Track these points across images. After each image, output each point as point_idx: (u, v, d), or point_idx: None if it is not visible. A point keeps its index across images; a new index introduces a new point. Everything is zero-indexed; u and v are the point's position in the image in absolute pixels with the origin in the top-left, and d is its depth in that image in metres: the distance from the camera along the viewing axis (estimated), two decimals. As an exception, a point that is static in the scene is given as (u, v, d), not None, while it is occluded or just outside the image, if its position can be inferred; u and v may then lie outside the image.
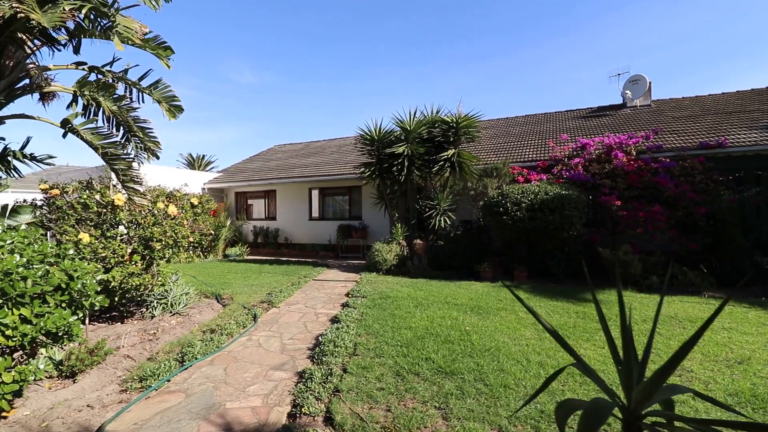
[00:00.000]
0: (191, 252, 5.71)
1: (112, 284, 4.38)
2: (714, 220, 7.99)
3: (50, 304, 2.20)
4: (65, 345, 2.46)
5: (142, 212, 4.96)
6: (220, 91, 70.97)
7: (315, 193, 14.70)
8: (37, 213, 4.39)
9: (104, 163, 4.67)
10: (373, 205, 12.17)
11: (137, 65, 4.91)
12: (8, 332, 1.94)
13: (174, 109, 5.46)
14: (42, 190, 4.87)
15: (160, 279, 5.17)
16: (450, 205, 9.88)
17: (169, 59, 5.02)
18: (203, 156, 35.04)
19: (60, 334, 2.21)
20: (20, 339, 1.98)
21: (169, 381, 3.37)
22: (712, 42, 55.21)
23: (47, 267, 2.27)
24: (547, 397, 2.93)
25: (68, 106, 4.60)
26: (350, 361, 3.63)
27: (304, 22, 54.21)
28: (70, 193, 4.66)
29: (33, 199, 4.78)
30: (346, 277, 9.14)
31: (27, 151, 4.27)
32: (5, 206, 3.68)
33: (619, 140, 9.16)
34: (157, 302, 5.50)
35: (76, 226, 4.42)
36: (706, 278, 7.30)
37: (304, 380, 3.24)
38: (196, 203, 5.57)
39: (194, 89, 65.94)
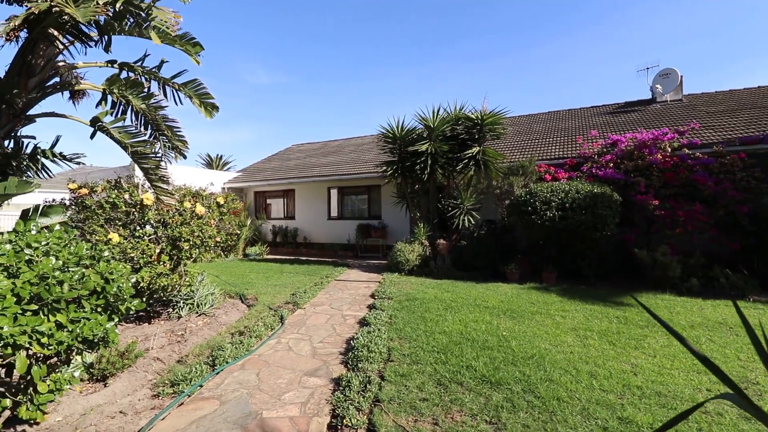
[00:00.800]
0: (215, 252, 5.63)
1: (141, 285, 4.31)
2: (757, 220, 7.55)
3: (86, 309, 2.09)
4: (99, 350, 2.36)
5: (170, 212, 4.89)
6: (234, 92, 71.81)
7: (334, 193, 14.60)
8: (67, 213, 4.35)
9: (129, 163, 4.63)
10: (394, 205, 11.99)
11: (167, 61, 4.82)
12: (44, 340, 1.83)
13: (210, 107, 5.38)
14: (70, 189, 4.85)
15: (187, 279, 5.10)
16: (474, 205, 9.63)
17: (198, 56, 4.94)
18: (221, 156, 35.50)
19: (96, 340, 2.10)
20: (56, 347, 1.87)
21: (201, 386, 3.26)
22: (737, 34, 53.20)
23: (83, 270, 2.16)
24: (606, 412, 2.71)
25: (97, 105, 4.55)
26: (387, 368, 3.46)
27: (317, 22, 54.32)
28: (98, 192, 4.61)
29: (62, 199, 4.76)
30: (368, 278, 8.99)
31: (56, 150, 4.23)
32: (36, 206, 3.62)
33: (653, 136, 8.75)
34: (183, 303, 5.44)
35: (105, 225, 4.37)
36: (749, 281, 6.88)
37: (341, 388, 3.08)
38: (222, 202, 5.49)
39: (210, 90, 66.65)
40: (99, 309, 2.20)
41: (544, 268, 8.14)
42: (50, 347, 1.86)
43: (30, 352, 1.94)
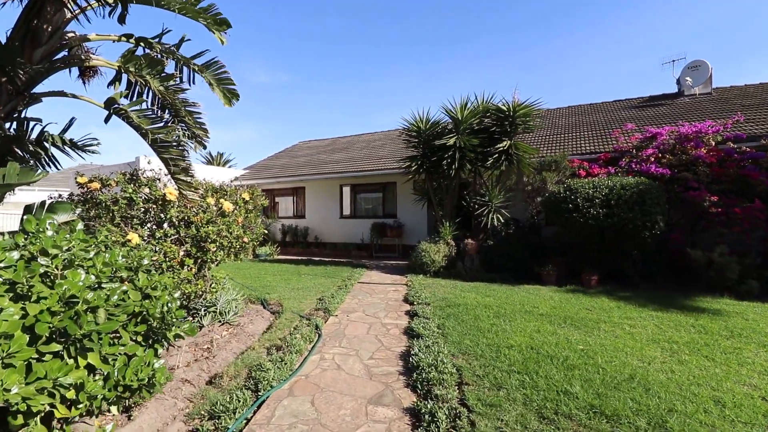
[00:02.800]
0: (244, 254, 5.05)
1: (167, 285, 3.72)
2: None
3: (124, 341, 1.51)
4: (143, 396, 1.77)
5: (193, 209, 4.29)
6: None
7: (346, 190, 14.00)
8: (77, 211, 3.76)
9: (134, 159, 4.03)
10: (412, 203, 11.44)
11: (189, 39, 4.24)
12: (70, 394, 1.24)
13: (230, 94, 4.80)
14: (79, 183, 4.23)
15: (213, 286, 4.51)
16: (502, 202, 9.07)
17: (224, 34, 4.36)
18: (221, 154, 34.84)
19: (140, 386, 1.52)
20: (87, 404, 1.30)
21: (248, 420, 2.67)
22: (751, 31, 52.82)
23: (121, 286, 1.57)
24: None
25: (110, 84, 3.97)
26: (467, 394, 2.89)
27: (317, 22, 53.57)
28: (112, 186, 4.02)
29: (70, 194, 4.16)
30: (392, 280, 8.41)
31: (66, 136, 3.63)
32: (42, 202, 3.03)
33: (696, 129, 8.21)
34: (205, 310, 4.86)
35: (121, 224, 3.77)
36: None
37: (424, 425, 2.50)
38: (248, 198, 4.89)
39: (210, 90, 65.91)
40: (139, 338, 1.63)
41: (583, 270, 7.60)
42: (79, 405, 1.28)
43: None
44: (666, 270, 7.57)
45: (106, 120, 3.76)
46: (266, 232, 5.62)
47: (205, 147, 5.06)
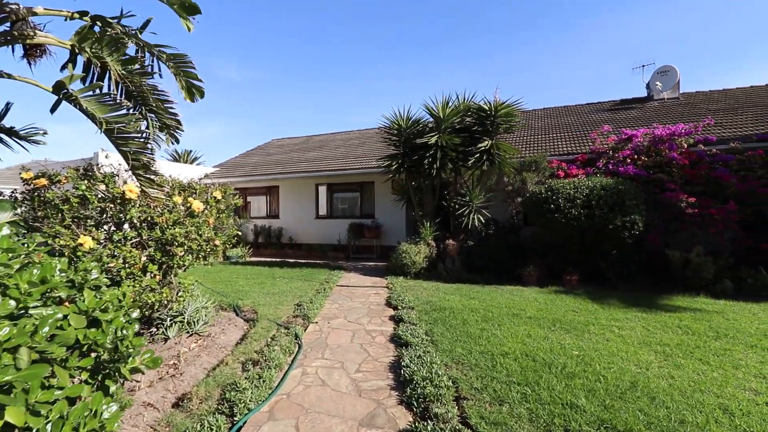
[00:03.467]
0: (214, 258, 4.63)
1: (123, 303, 3.27)
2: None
3: (62, 382, 1.14)
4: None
5: (157, 208, 3.85)
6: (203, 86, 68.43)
7: (322, 190, 13.59)
8: (19, 210, 3.26)
9: (92, 155, 3.57)
10: (391, 203, 11.21)
11: (152, 18, 3.81)
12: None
13: (195, 90, 4.36)
14: (23, 179, 3.71)
15: (180, 294, 4.07)
16: (483, 202, 8.97)
17: (193, 20, 3.94)
18: (189, 151, 33.34)
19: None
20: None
21: (223, 452, 2.32)
22: (707, 40, 56.06)
23: (56, 312, 1.19)
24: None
25: (63, 67, 3.48)
26: (468, 411, 2.65)
27: (292, 20, 52.56)
28: (62, 183, 3.53)
29: (13, 191, 3.63)
30: (372, 282, 8.13)
31: (4, 123, 3.13)
32: (-27, 199, 2.55)
33: (670, 131, 8.39)
34: (171, 320, 4.41)
35: (73, 226, 3.29)
36: (777, 281, 6.59)
37: (426, 450, 2.24)
38: (219, 197, 4.47)
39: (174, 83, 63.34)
40: (84, 375, 1.27)
41: (564, 270, 7.60)
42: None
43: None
44: (643, 270, 7.67)
45: (53, 108, 3.28)
46: (239, 233, 5.20)
47: (178, 141, 4.58)
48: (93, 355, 1.32)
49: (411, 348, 3.85)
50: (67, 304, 1.35)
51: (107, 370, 1.34)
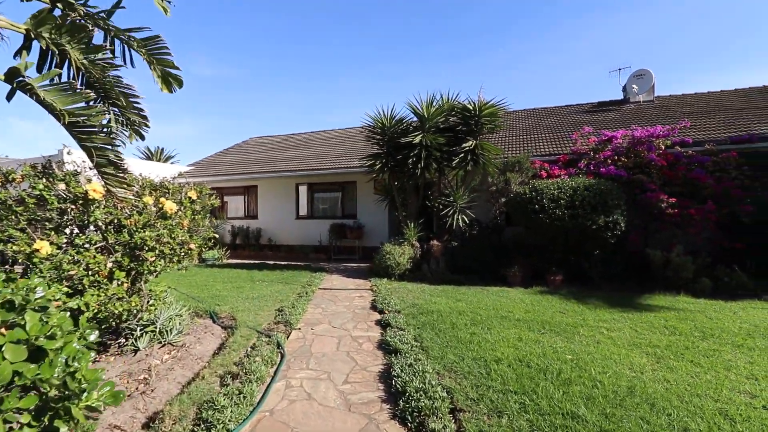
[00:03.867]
0: (189, 262, 4.33)
1: (86, 314, 2.96)
2: (756, 218, 7.50)
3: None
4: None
5: (126, 210, 3.54)
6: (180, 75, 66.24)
7: (303, 189, 13.27)
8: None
9: (56, 152, 3.24)
10: (374, 203, 11.04)
11: (123, 7, 3.52)
12: None
13: (172, 79, 4.06)
14: (-29, 177, 3.34)
15: (152, 302, 3.75)
16: (467, 203, 8.91)
17: (169, 3, 3.66)
18: (162, 149, 32.21)
19: None
20: None
21: (199, 481, 2.08)
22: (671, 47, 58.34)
23: None
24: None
25: (16, 54, 3.13)
26: (465, 425, 2.49)
27: (270, 18, 51.56)
28: (17, 182, 3.18)
29: (-43, 190, 3.24)
30: (355, 285, 7.93)
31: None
32: None
33: (648, 133, 8.55)
34: (142, 330, 4.09)
35: (28, 230, 2.96)
36: (750, 280, 6.77)
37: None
38: (195, 197, 4.17)
39: (144, 79, 61.26)
40: (25, 418, 1.03)
41: (548, 271, 7.60)
42: None
43: None
44: (625, 270, 7.77)
45: (9, 96, 2.93)
46: (216, 235, 4.91)
47: (143, 137, 4.26)
48: (37, 392, 1.08)
49: (401, 355, 3.68)
50: (3, 330, 1.10)
51: (55, 410, 1.11)
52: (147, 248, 3.41)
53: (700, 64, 60.66)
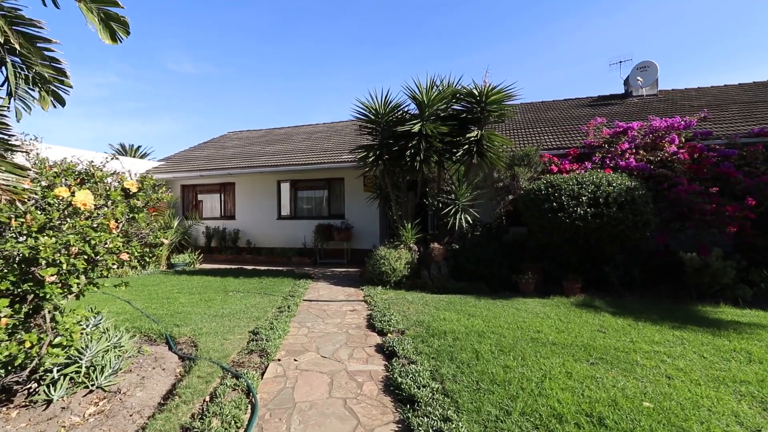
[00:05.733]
0: (121, 271, 3.16)
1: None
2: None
3: None
4: None
5: (20, 206, 2.39)
6: (154, 79, 63.76)
7: (285, 187, 12.09)
8: None
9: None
10: (365, 201, 9.98)
11: None
12: None
13: (115, 24, 2.90)
14: None
15: (61, 338, 2.60)
16: (470, 200, 7.94)
17: None
18: (137, 147, 30.30)
19: None
20: None
21: None
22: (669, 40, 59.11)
23: None
24: None
25: None
26: None
27: (250, 15, 49.78)
28: None
29: None
30: (345, 295, 6.86)
31: None
32: None
33: (668, 123, 7.77)
34: (60, 372, 2.94)
35: None
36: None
37: None
38: (133, 190, 3.02)
39: (123, 77, 58.63)
40: None
41: (565, 276, 6.70)
42: None
43: None
44: (650, 274, 6.93)
45: None
46: (165, 241, 3.76)
47: (63, 103, 3.10)
48: None
49: (419, 408, 2.65)
50: None
51: None
52: (47, 262, 2.27)
53: (686, 63, 61.75)
